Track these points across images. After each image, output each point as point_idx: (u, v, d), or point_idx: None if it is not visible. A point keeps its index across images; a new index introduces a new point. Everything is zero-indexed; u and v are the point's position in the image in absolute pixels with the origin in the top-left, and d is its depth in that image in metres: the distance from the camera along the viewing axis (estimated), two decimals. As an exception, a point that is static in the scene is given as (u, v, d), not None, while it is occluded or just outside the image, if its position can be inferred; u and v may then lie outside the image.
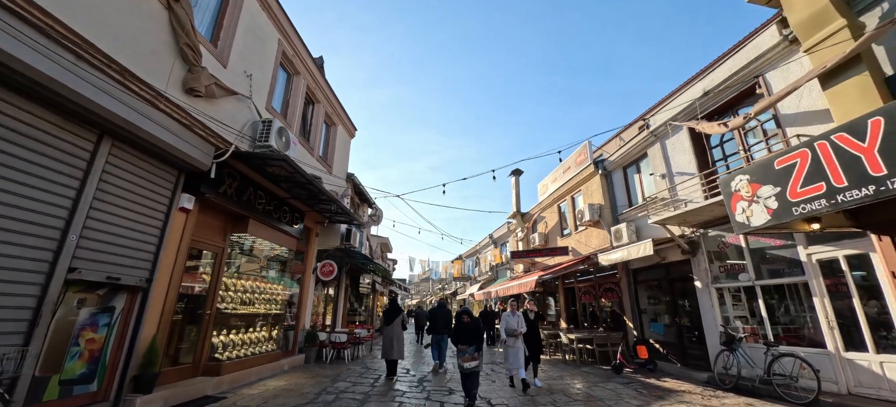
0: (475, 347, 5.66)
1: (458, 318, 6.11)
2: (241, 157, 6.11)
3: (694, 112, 8.10)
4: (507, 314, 7.06)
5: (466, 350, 5.63)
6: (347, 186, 11.50)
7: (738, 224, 4.59)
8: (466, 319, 5.96)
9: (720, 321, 7.47)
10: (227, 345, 6.78)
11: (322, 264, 10.26)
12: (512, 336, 6.84)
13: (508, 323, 6.94)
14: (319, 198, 7.90)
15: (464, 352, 5.66)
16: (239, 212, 6.80)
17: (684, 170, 8.50)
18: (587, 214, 11.39)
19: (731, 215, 4.73)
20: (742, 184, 4.49)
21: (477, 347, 5.70)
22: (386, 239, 22.42)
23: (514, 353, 6.79)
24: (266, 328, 8.06)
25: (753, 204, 4.29)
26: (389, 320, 8.11)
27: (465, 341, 5.79)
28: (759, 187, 4.24)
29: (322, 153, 10.27)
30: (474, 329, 5.91)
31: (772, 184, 4.07)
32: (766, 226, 4.21)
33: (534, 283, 11.63)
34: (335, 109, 10.55)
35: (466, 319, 5.97)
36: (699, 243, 8.04)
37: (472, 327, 5.92)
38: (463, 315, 6.02)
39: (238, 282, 7.43)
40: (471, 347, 5.66)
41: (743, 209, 4.47)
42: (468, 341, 5.78)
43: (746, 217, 4.42)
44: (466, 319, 5.96)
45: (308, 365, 9.02)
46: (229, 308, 6.91)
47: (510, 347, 6.85)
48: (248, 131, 6.38)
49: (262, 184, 7.26)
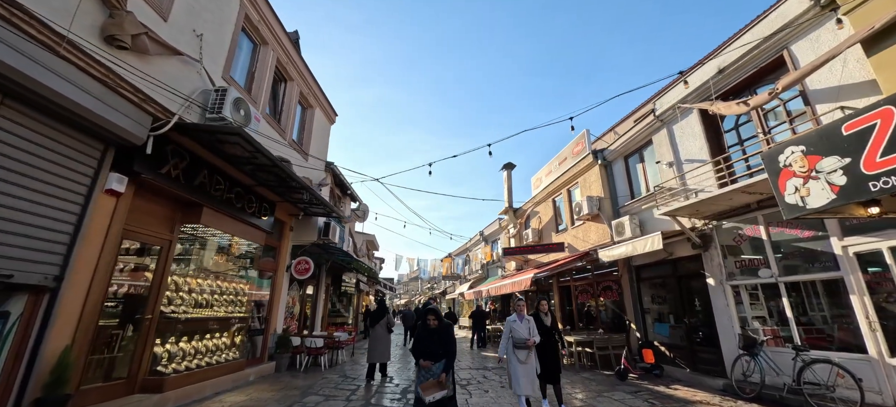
0: (444, 365, 3.97)
1: (420, 318, 4.42)
2: (187, 130, 5.11)
3: (707, 93, 7.37)
4: (513, 319, 5.18)
5: (431, 369, 3.94)
6: (326, 176, 10.50)
7: (788, 207, 3.82)
8: (433, 322, 4.19)
9: (737, 323, 6.75)
10: (175, 355, 5.75)
11: (297, 261, 9.26)
12: (521, 348, 4.96)
13: (517, 331, 5.04)
14: (289, 184, 6.92)
15: (427, 372, 3.95)
16: (190, 198, 5.79)
17: (694, 157, 7.77)
18: (585, 207, 10.62)
19: (779, 197, 3.95)
20: (794, 157, 3.71)
21: (447, 363, 3.99)
22: (372, 236, 21.38)
23: (526, 371, 4.88)
24: (227, 334, 7.05)
25: (810, 181, 3.51)
26: (374, 322, 7.93)
27: (430, 355, 4.01)
28: (818, 160, 3.47)
29: (296, 138, 9.26)
30: (443, 337, 4.13)
31: (838, 154, 3.30)
32: (829, 207, 3.44)
33: (529, 281, 10.82)
34: (312, 90, 9.55)
35: (433, 320, 4.19)
36: (712, 236, 7.31)
37: (441, 334, 4.15)
38: (428, 315, 4.23)
39: (192, 281, 6.40)
40: (437, 364, 3.96)
41: (795, 188, 3.69)
42: (433, 355, 4.00)
43: (800, 197, 3.65)
44: (433, 322, 4.19)
45: (278, 374, 8.03)
46: (179, 311, 5.88)
47: (519, 364, 4.91)
48: (197, 101, 5.38)
49: (219, 167, 6.25)
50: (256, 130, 6.13)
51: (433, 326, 4.21)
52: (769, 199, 6.22)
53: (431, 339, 4.14)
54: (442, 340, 4.12)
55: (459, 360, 10.93)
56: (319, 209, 8.78)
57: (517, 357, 4.98)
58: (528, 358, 4.95)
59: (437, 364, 4.01)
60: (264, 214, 7.82)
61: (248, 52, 7.27)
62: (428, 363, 4.03)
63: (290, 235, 9.33)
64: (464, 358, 11.38)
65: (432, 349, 4.07)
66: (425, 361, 4.03)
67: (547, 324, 5.53)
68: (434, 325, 4.21)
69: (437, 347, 4.06)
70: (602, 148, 11.07)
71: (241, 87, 6.64)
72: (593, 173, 11.05)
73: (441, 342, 4.10)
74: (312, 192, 7.26)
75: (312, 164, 9.68)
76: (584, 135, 11.49)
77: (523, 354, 4.96)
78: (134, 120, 4.54)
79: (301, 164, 9.13)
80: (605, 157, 10.77)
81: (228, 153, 5.86)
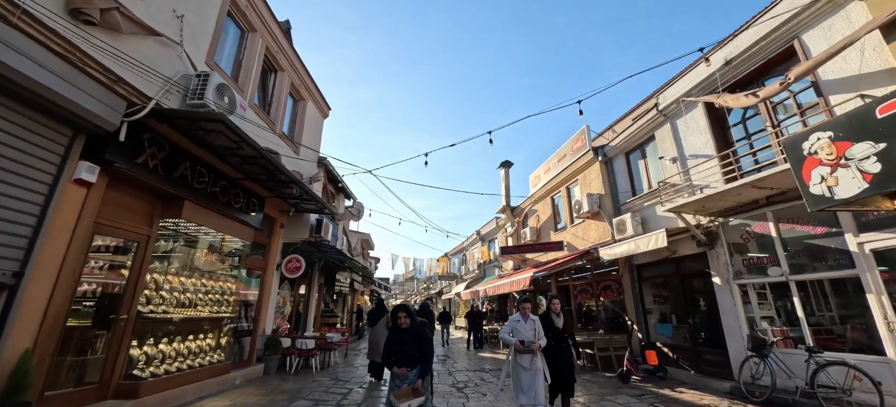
0: (419, 372, 3.48)
1: (392, 318, 3.77)
2: (166, 117, 4.76)
3: (713, 85, 7.13)
4: (516, 318, 4.59)
5: (405, 377, 3.42)
6: (319, 171, 10.15)
7: (813, 198, 3.56)
8: (404, 320, 3.63)
9: (744, 323, 6.50)
10: (154, 358, 5.39)
11: (287, 259, 8.91)
12: (526, 352, 4.34)
13: (519, 331, 4.46)
14: (278, 178, 6.58)
15: (402, 380, 3.46)
16: (170, 191, 5.43)
17: (699, 152, 7.52)
18: (585, 204, 10.37)
19: (803, 188, 3.69)
20: (821, 144, 3.45)
21: (424, 368, 3.50)
22: (367, 235, 21.01)
23: (530, 378, 4.30)
24: (213, 335, 6.69)
25: (839, 169, 3.26)
26: (373, 322, 7.98)
27: (405, 359, 3.49)
28: (848, 146, 3.21)
29: (287, 131, 8.91)
30: (417, 338, 3.62)
31: (871, 140, 3.04)
32: (859, 198, 3.18)
33: (527, 281, 10.54)
34: (304, 82, 9.20)
35: (404, 319, 3.64)
36: (718, 234, 7.07)
37: (415, 336, 3.62)
38: (398, 313, 3.69)
39: (174, 279, 6.05)
40: (412, 372, 3.45)
41: (821, 177, 3.43)
42: (409, 359, 3.50)
43: (827, 187, 3.39)
44: (404, 320, 3.63)
45: (267, 377, 7.67)
46: (158, 311, 5.52)
47: (523, 369, 4.33)
48: (177, 86, 5.03)
49: (202, 158, 5.90)
50: (243, 119, 5.78)
51: (405, 325, 3.65)
52: (780, 194, 5.98)
53: (405, 341, 3.58)
54: (416, 341, 3.61)
55: (456, 361, 10.63)
56: (311, 205, 8.44)
57: (521, 363, 4.35)
58: (533, 364, 4.31)
59: (412, 372, 3.51)
60: (252, 210, 7.47)
61: (235, 38, 6.92)
62: (403, 371, 3.47)
63: (281, 232, 8.98)
64: (460, 359, 11.07)
65: (407, 352, 3.54)
66: (400, 368, 3.48)
67: (558, 325, 4.73)
68: (406, 324, 3.65)
69: (411, 350, 3.55)
70: (602, 144, 10.82)
71: (226, 75, 6.29)
72: (594, 170, 10.80)
73: (416, 343, 3.60)
74: (303, 187, 6.92)
75: (304, 159, 9.34)
76: (585, 131, 11.24)
77: (527, 360, 4.33)
78: (105, 103, 4.19)
79: (292, 158, 8.79)
80: (606, 153, 10.52)
81: (212, 143, 5.50)
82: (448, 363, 10.36)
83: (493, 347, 14.03)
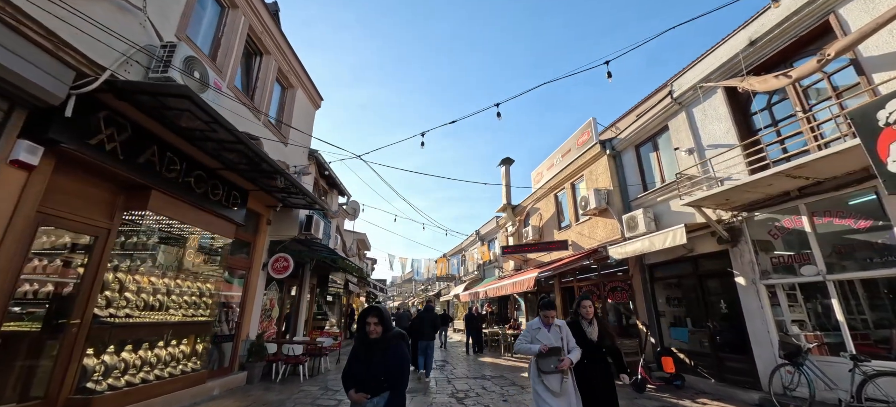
0: (387, 401, 2.50)
1: (359, 325, 2.71)
2: (123, 92, 4.14)
3: (736, 68, 6.56)
4: (535, 325, 3.56)
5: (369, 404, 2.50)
6: (310, 165, 9.54)
7: (892, 177, 2.99)
8: (374, 329, 2.61)
9: (773, 327, 5.91)
10: (113, 368, 4.76)
11: (274, 258, 8.28)
12: (551, 372, 3.28)
13: (541, 338, 3.44)
14: (260, 167, 5.96)
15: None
16: (134, 179, 4.81)
17: (719, 141, 6.95)
18: (592, 201, 9.78)
19: (878, 165, 3.12)
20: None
21: (393, 399, 2.52)
22: (363, 235, 20.37)
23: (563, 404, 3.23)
24: (187, 341, 6.06)
25: (930, 141, 2.70)
26: None
27: (369, 384, 2.53)
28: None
29: (274, 120, 8.29)
30: (389, 356, 2.58)
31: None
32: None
33: (532, 281, 9.95)
34: (293, 68, 8.59)
35: (374, 326, 2.61)
36: (741, 230, 6.48)
37: (386, 351, 2.60)
38: (368, 320, 2.65)
39: (143, 279, 5.43)
40: (378, 399, 2.50)
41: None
42: (372, 385, 2.53)
43: (912, 164, 2.83)
44: (374, 329, 2.61)
45: (249, 386, 7.04)
46: (120, 315, 4.89)
47: (551, 396, 3.25)
48: (138, 58, 4.41)
49: (172, 143, 5.28)
50: (219, 100, 5.17)
51: (375, 335, 2.58)
52: (815, 184, 5.41)
53: (371, 358, 2.56)
54: (387, 359, 2.54)
55: (455, 367, 10.01)
56: (300, 199, 7.81)
57: (546, 386, 3.25)
58: (564, 387, 3.20)
59: (378, 398, 2.49)
60: (234, 204, 6.85)
61: (214, 14, 6.31)
62: (361, 397, 2.49)
63: (268, 229, 8.35)
64: (460, 365, 10.46)
65: (372, 374, 2.52)
66: (357, 393, 2.51)
67: (592, 337, 3.59)
68: (376, 334, 2.58)
69: (377, 371, 2.51)
70: (610, 137, 10.24)
71: (200, 51, 5.67)
72: (601, 164, 10.22)
73: (386, 363, 2.52)
74: (288, 178, 6.31)
75: (293, 150, 8.73)
76: (591, 123, 10.67)
77: (555, 381, 3.23)
78: (47, 72, 3.58)
79: (278, 148, 8.18)
80: (614, 146, 9.94)
81: (181, 125, 4.89)
82: (447, 369, 9.73)
83: (493, 352, 13.41)
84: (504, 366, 10.12)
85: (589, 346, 3.53)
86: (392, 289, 49.50)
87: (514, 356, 11.77)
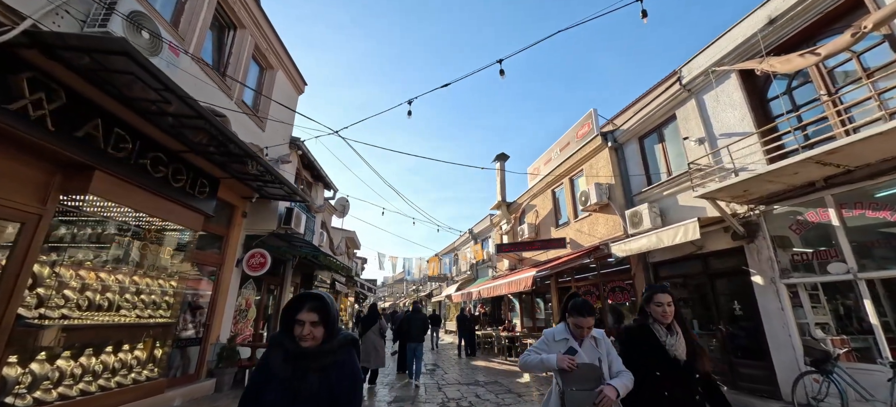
0: None
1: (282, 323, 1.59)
2: (50, 49, 3.44)
3: (754, 49, 6.06)
4: (558, 333, 2.34)
5: None
6: (291, 153, 8.84)
7: None
8: (309, 328, 1.53)
9: (795, 331, 5.41)
10: (43, 378, 4.03)
11: (250, 254, 7.57)
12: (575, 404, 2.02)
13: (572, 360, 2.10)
14: (229, 149, 5.27)
15: None
16: (73, 157, 4.09)
17: (733, 130, 6.46)
18: (593, 196, 9.25)
19: None
20: None
21: None
22: (352, 233, 19.63)
23: None
24: (143, 345, 5.34)
25: None
26: (366, 327, 7.74)
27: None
28: None
29: (251, 104, 7.59)
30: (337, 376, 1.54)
31: None
32: None
33: (529, 280, 9.38)
34: (272, 46, 7.89)
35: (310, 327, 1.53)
36: (759, 224, 5.98)
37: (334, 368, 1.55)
38: (300, 315, 1.53)
39: (89, 274, 4.72)
40: None
41: None
42: None
43: None
44: (309, 328, 1.53)
45: (218, 395, 6.33)
46: (55, 316, 4.17)
47: None
48: (75, 9, 3.71)
49: (121, 117, 4.56)
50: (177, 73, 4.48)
51: (310, 342, 1.54)
52: (844, 174, 4.93)
53: (300, 383, 1.51)
54: (332, 384, 1.53)
55: (446, 372, 9.40)
56: (278, 189, 7.12)
57: None
58: None
59: None
60: (202, 193, 6.12)
61: (178, -24, 5.60)
62: None
63: (243, 222, 7.64)
64: (451, 369, 9.85)
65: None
66: None
67: (676, 354, 2.07)
68: (313, 340, 1.54)
69: (311, 403, 1.50)
70: (612, 129, 9.72)
71: (158, 15, 4.95)
72: (602, 158, 9.69)
73: (329, 390, 1.52)
74: (261, 163, 5.63)
75: (273, 136, 8.02)
76: (592, 115, 10.15)
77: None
78: (-59, 14, 2.87)
79: (256, 133, 7.48)
80: (616, 138, 9.42)
81: (131, 97, 4.19)
82: (438, 374, 9.12)
83: (485, 355, 12.81)
84: (498, 370, 9.53)
85: (669, 368, 2.05)
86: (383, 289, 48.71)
87: (509, 361, 11.19)
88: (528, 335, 11.64)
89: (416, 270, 24.91)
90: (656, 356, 2.10)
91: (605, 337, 2.35)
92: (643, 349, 2.15)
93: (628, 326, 2.34)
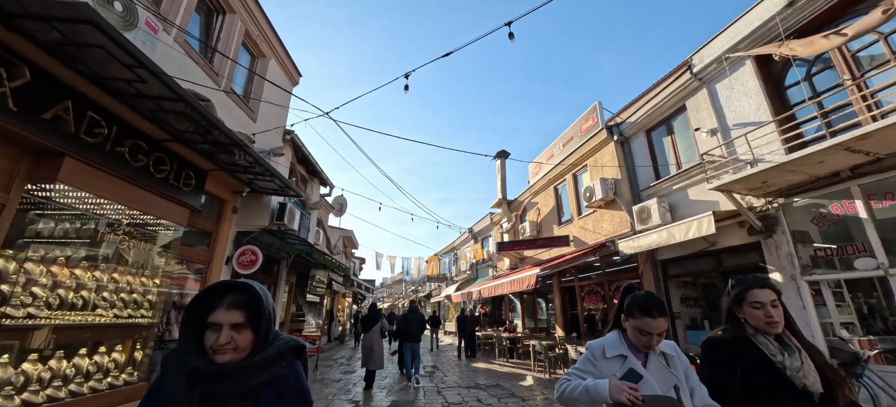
0: None
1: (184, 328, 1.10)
2: (9, 18, 3.10)
3: (771, 33, 5.74)
4: (611, 346, 1.57)
5: None
6: (285, 146, 8.49)
7: None
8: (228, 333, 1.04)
9: (819, 331, 5.08)
10: (4, 383, 3.68)
11: (240, 251, 7.23)
12: None
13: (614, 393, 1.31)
14: (213, 135, 4.92)
15: None
16: (40, 142, 3.75)
17: (748, 120, 6.13)
18: (599, 191, 8.92)
19: None
20: None
21: None
22: (350, 232, 19.29)
23: None
24: (122, 348, 4.99)
25: None
26: (367, 328, 7.79)
27: None
28: None
29: (242, 93, 7.25)
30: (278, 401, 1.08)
31: None
32: None
33: (533, 279, 9.05)
34: (264, 34, 7.55)
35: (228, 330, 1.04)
36: (778, 218, 5.66)
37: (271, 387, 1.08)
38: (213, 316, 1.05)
39: (61, 270, 4.35)
40: None
41: None
42: None
43: None
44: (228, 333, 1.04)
45: (204, 400, 5.95)
46: (20, 316, 3.82)
47: None
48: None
49: (95, 99, 4.22)
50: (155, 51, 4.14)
51: (227, 355, 1.04)
52: (872, 163, 4.62)
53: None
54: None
55: (446, 374, 9.05)
56: (269, 183, 6.78)
57: None
58: None
59: None
60: (188, 185, 5.77)
61: (160, -47, 5.26)
62: None
63: (234, 218, 7.29)
64: (451, 371, 9.50)
65: None
66: None
67: (803, 381, 1.38)
68: (232, 353, 1.05)
69: None
70: (618, 123, 9.40)
71: None
72: (607, 152, 9.37)
73: None
74: (250, 152, 5.29)
75: (264, 128, 7.68)
76: (596, 108, 9.84)
77: None
78: None
79: (246, 123, 7.14)
80: (622, 132, 9.10)
81: (106, 77, 3.85)
82: (437, 376, 8.77)
83: (487, 356, 12.47)
84: (500, 372, 9.19)
85: (794, 403, 1.39)
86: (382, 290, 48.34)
87: (511, 362, 10.84)
88: (529, 336, 11.30)
89: (414, 269, 24.54)
90: (769, 383, 1.41)
91: (680, 353, 1.58)
92: (747, 376, 1.43)
93: (714, 337, 1.64)
